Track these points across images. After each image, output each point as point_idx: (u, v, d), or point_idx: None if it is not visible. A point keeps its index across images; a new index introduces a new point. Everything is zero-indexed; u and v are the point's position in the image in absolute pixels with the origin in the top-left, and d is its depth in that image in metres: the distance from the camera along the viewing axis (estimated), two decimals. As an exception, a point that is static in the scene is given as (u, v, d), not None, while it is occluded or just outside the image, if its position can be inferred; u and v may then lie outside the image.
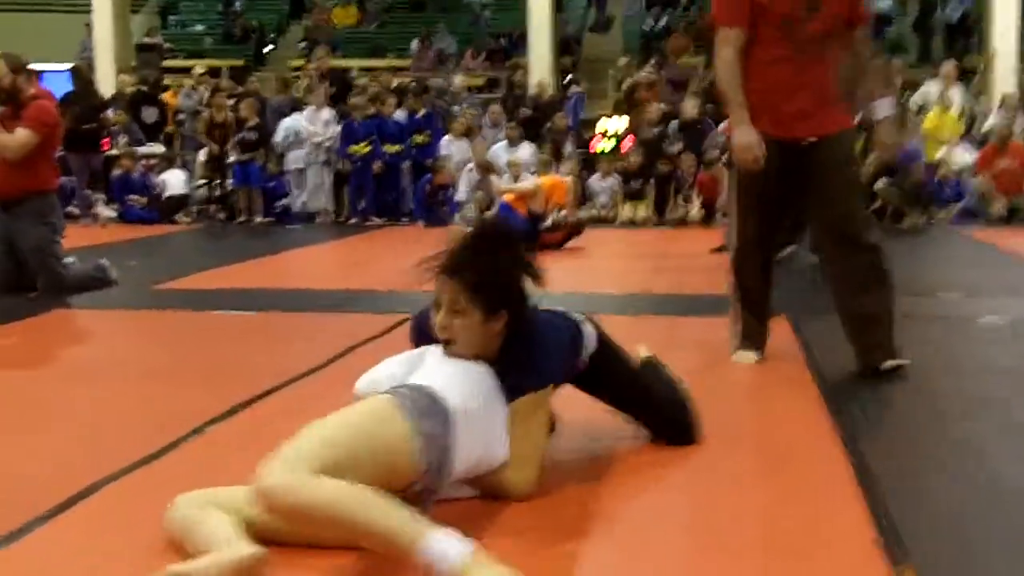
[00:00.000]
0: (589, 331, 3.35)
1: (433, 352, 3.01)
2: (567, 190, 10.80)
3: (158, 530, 2.68)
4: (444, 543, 2.26)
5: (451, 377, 2.85)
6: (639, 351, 3.92)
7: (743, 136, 4.48)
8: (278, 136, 14.17)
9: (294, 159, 14.21)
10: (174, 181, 14.97)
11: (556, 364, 3.14)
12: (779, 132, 4.48)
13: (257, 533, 2.51)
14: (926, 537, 2.76)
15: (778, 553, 2.67)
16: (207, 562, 2.35)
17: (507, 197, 10.66)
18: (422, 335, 3.13)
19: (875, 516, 2.89)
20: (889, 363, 4.53)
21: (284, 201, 14.37)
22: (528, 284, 3.06)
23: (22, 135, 7.05)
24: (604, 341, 3.40)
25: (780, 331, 5.68)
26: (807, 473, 3.32)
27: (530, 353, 3.05)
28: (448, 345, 2.98)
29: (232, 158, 14.08)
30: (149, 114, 15.90)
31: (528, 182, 10.70)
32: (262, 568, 2.39)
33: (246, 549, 2.39)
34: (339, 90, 14.91)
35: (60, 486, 3.12)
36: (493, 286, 2.95)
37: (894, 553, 2.64)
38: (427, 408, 2.71)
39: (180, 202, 14.80)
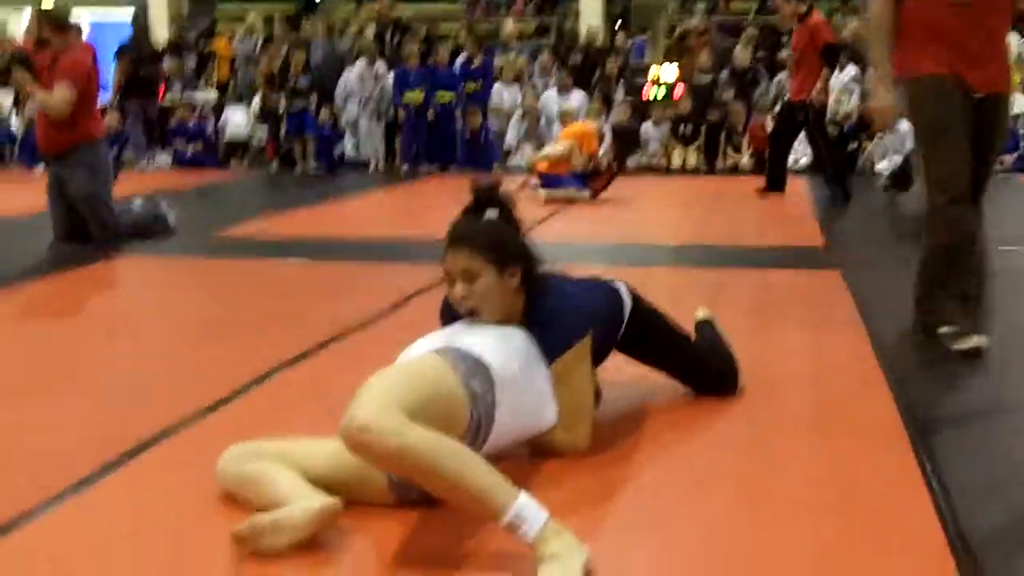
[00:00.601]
0: (624, 292, 3.38)
1: (465, 324, 3.05)
2: (594, 136, 10.71)
3: (214, 482, 2.74)
4: (531, 509, 2.29)
5: (489, 342, 2.88)
6: (697, 313, 3.96)
7: (880, 98, 4.34)
8: (338, 88, 14.26)
9: (348, 109, 14.30)
10: (236, 120, 15.05)
11: (586, 318, 3.15)
12: (955, 72, 4.25)
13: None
14: (979, 492, 2.78)
15: (829, 509, 2.70)
16: (290, 511, 2.40)
17: (541, 167, 10.50)
18: (452, 315, 3.17)
19: (927, 471, 2.91)
20: (969, 343, 4.24)
21: (338, 149, 14.42)
22: (532, 243, 3.11)
23: (59, 92, 7.17)
24: (639, 301, 3.43)
25: (832, 286, 5.69)
26: (859, 429, 3.33)
27: (557, 311, 3.08)
28: (473, 315, 3.03)
29: (284, 108, 14.13)
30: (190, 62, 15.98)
31: (559, 146, 10.53)
32: (339, 518, 2.46)
33: (325, 498, 2.45)
34: (393, 37, 14.93)
35: (116, 439, 3.19)
36: (498, 242, 3.00)
37: (947, 509, 2.66)
38: (473, 368, 2.75)
39: (240, 144, 14.86)
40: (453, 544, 2.44)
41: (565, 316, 3.09)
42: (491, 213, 3.04)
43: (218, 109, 15.43)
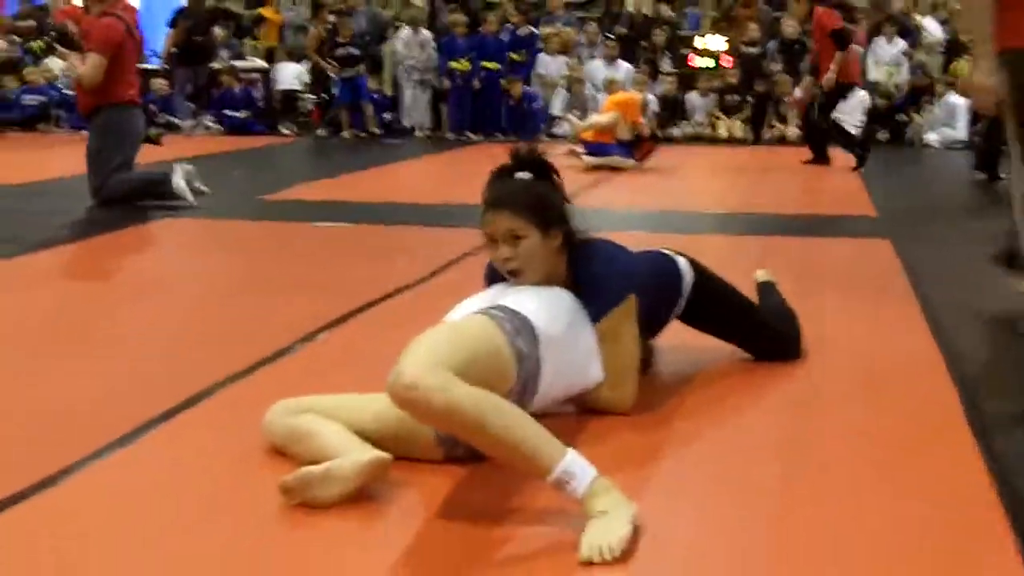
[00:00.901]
0: (684, 264, 3.37)
1: (509, 285, 3.03)
2: (638, 105, 10.66)
3: (259, 438, 2.74)
4: (579, 465, 2.27)
5: (535, 302, 2.86)
6: (757, 275, 3.94)
7: (980, 78, 4.03)
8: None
9: (396, 76, 14.34)
10: (286, 75, 15.07)
11: (631, 279, 3.11)
12: None
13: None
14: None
15: (882, 477, 2.67)
16: (340, 463, 2.40)
17: (586, 135, 10.46)
18: (496, 277, 3.15)
19: (979, 436, 2.88)
20: None
21: (386, 116, 14.43)
22: (568, 207, 3.08)
23: (91, 61, 7.25)
24: (701, 272, 3.42)
25: (883, 255, 5.63)
26: (910, 396, 3.30)
27: (602, 275, 3.06)
28: (517, 276, 3.00)
29: (336, 74, 14.14)
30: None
31: (604, 116, 10.47)
32: (388, 472, 2.46)
33: (374, 452, 2.45)
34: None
35: (157, 398, 3.19)
36: (541, 203, 2.98)
37: (999, 472, 2.62)
38: (519, 327, 2.74)
39: (290, 100, 14.87)
40: (500, 499, 2.43)
41: (610, 280, 3.07)
42: (523, 174, 3.01)
43: (266, 75, 15.46)
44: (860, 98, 12.53)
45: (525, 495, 2.43)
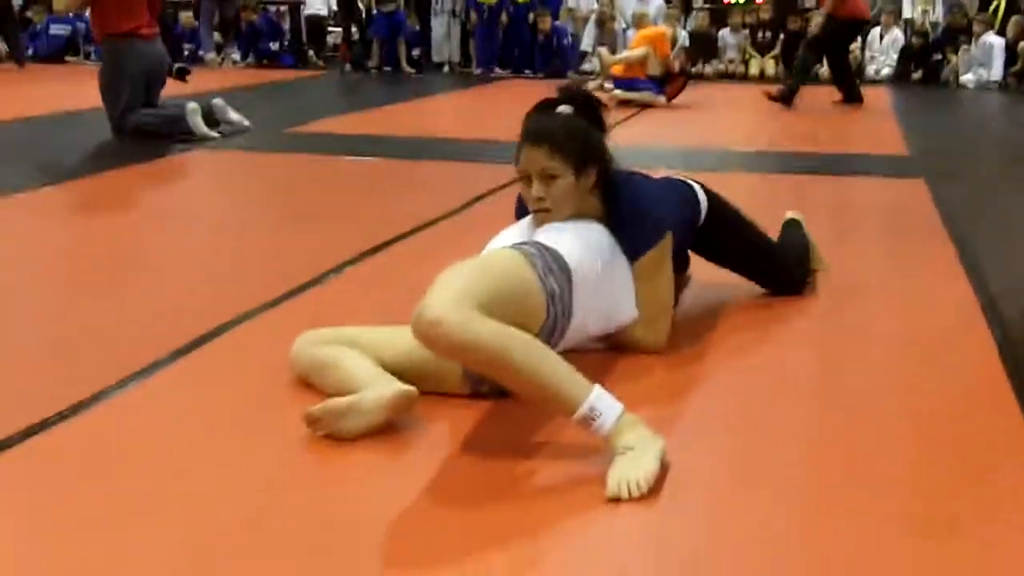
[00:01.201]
0: (700, 192, 3.32)
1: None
2: (666, 39, 10.53)
3: (287, 369, 2.73)
4: (605, 402, 2.24)
5: (569, 238, 2.82)
6: (786, 215, 3.89)
7: None
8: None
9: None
10: (316, 2, 14.97)
11: (667, 215, 3.08)
12: None
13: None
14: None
15: (911, 416, 2.64)
16: (366, 395, 2.38)
17: (616, 70, 10.34)
18: (526, 212, 3.10)
19: (1015, 381, 2.83)
20: None
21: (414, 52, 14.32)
22: (607, 142, 3.02)
23: None
24: (715, 199, 3.37)
25: (917, 195, 5.55)
26: (946, 341, 3.25)
27: (637, 212, 3.01)
28: (545, 215, 2.94)
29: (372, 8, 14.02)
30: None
31: (636, 51, 10.33)
32: (414, 405, 2.44)
33: (401, 385, 2.42)
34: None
35: (186, 327, 3.17)
36: (577, 142, 2.91)
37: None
38: (551, 264, 2.70)
39: (318, 29, 14.76)
40: (528, 434, 2.41)
41: (648, 218, 3.01)
42: (565, 108, 2.95)
43: (294, 8, 15.34)
44: (893, 37, 12.37)
45: (551, 430, 2.40)
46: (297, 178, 6.16)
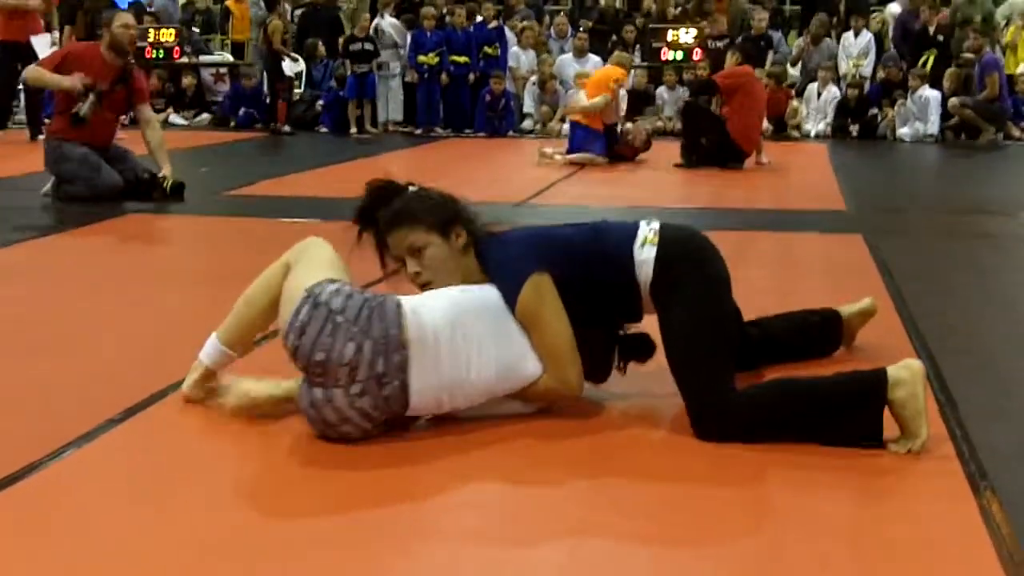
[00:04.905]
0: (644, 229, 3.11)
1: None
2: (623, 73, 10.64)
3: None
4: None
5: (442, 299, 2.83)
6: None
7: None
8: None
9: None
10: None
11: (531, 258, 2.92)
12: None
13: None
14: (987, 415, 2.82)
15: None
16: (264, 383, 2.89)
17: (574, 117, 10.39)
18: None
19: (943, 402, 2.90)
20: None
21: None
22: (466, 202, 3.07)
23: None
24: (677, 245, 3.05)
25: (856, 250, 5.59)
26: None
27: (501, 261, 2.96)
28: (429, 287, 2.94)
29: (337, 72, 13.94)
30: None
31: (596, 100, 10.30)
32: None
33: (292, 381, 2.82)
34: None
35: (125, 392, 3.14)
36: (431, 208, 2.98)
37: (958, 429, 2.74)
38: (370, 311, 2.74)
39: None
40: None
41: (507, 265, 2.94)
42: (412, 187, 3.05)
43: (234, 70, 15.20)
44: (832, 94, 12.56)
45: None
46: (232, 241, 6.09)
